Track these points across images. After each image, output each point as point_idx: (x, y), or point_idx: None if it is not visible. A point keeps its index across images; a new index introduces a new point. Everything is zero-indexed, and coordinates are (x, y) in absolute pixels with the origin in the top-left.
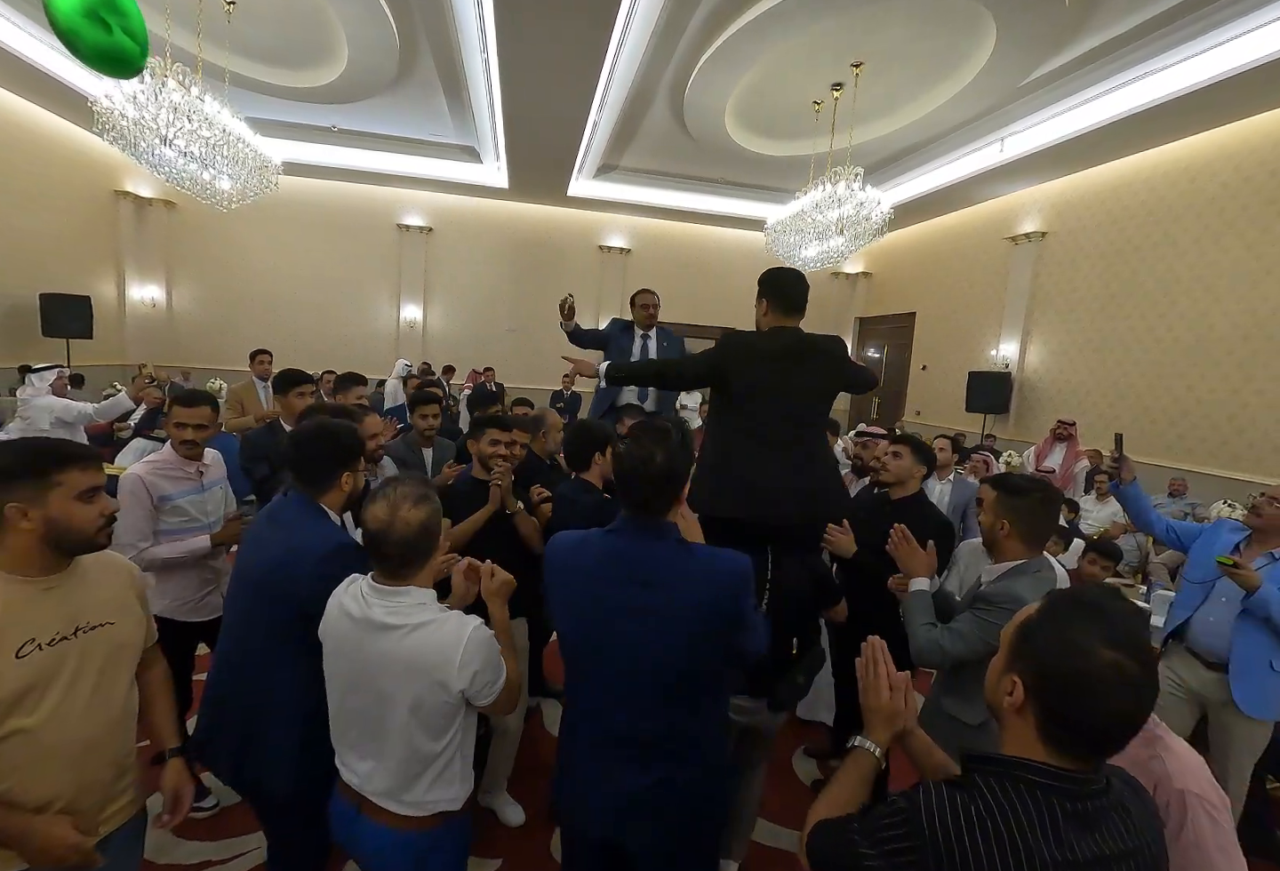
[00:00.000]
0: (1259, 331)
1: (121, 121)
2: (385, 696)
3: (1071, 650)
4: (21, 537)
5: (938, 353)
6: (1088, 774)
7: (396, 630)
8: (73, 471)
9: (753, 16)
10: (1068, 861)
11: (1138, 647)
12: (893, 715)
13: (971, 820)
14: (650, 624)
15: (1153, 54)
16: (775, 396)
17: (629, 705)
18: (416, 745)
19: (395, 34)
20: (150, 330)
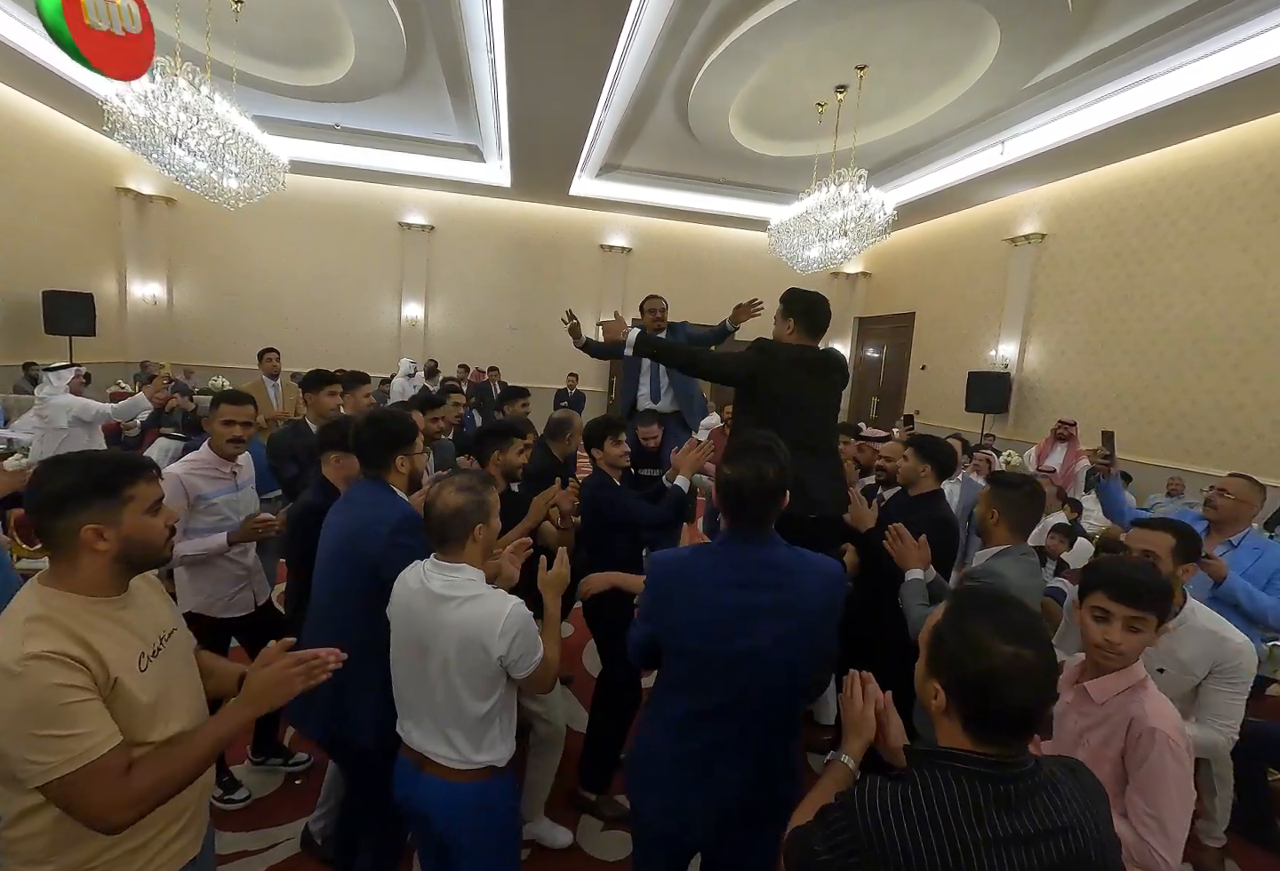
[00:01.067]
0: (1255, 333)
1: (131, 120)
2: (442, 660)
3: (975, 650)
4: (97, 559)
5: (937, 353)
6: (1011, 758)
7: (452, 601)
8: (142, 484)
9: (759, 19)
10: (990, 839)
11: (1033, 637)
12: (865, 728)
13: (899, 807)
14: (780, 618)
15: (1152, 59)
16: (800, 403)
17: (743, 710)
18: (466, 705)
19: (403, 34)
20: (152, 328)
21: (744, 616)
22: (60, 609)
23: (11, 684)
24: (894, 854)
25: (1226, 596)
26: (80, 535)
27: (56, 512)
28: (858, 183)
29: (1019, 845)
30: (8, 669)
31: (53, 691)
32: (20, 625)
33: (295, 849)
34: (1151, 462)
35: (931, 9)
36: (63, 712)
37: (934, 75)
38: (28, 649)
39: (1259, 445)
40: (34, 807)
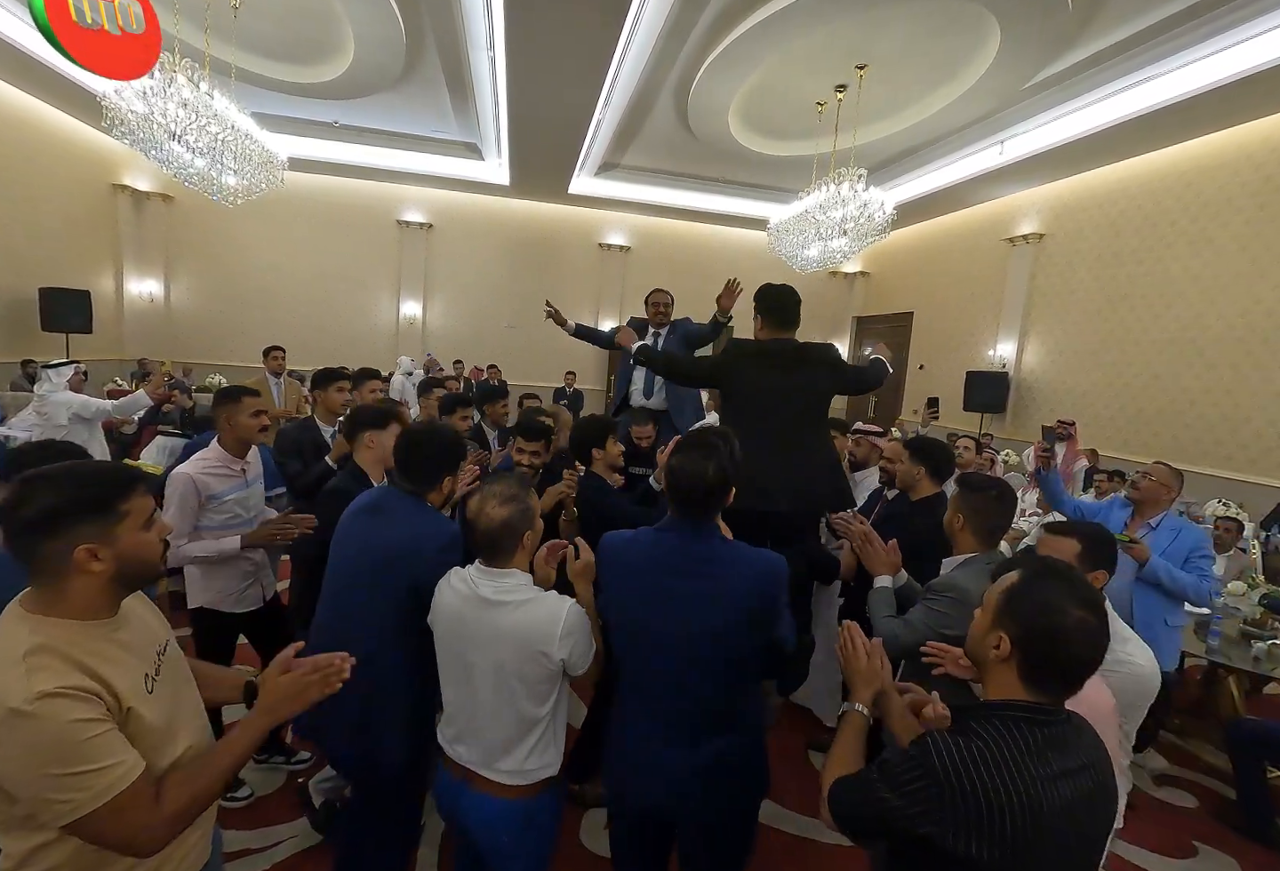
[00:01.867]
0: (1252, 333)
1: (130, 117)
2: (497, 664)
3: (1049, 609)
4: (92, 581)
5: (935, 352)
6: (1056, 706)
7: (504, 606)
8: (135, 498)
9: (759, 18)
10: (1049, 774)
11: (1097, 606)
12: (871, 676)
13: (974, 754)
14: (703, 608)
15: (1151, 60)
16: (768, 398)
17: (681, 687)
18: (523, 710)
19: (402, 31)
20: (149, 325)
21: (672, 601)
22: (58, 638)
23: (25, 725)
24: (973, 794)
25: (1150, 577)
26: (73, 557)
27: (46, 533)
28: (857, 182)
29: (1069, 777)
30: (18, 711)
31: (72, 728)
32: (19, 661)
33: (299, 847)
34: (1148, 461)
35: (932, 9)
36: (86, 748)
37: (934, 75)
38: (37, 687)
39: (1256, 445)
40: (47, 843)
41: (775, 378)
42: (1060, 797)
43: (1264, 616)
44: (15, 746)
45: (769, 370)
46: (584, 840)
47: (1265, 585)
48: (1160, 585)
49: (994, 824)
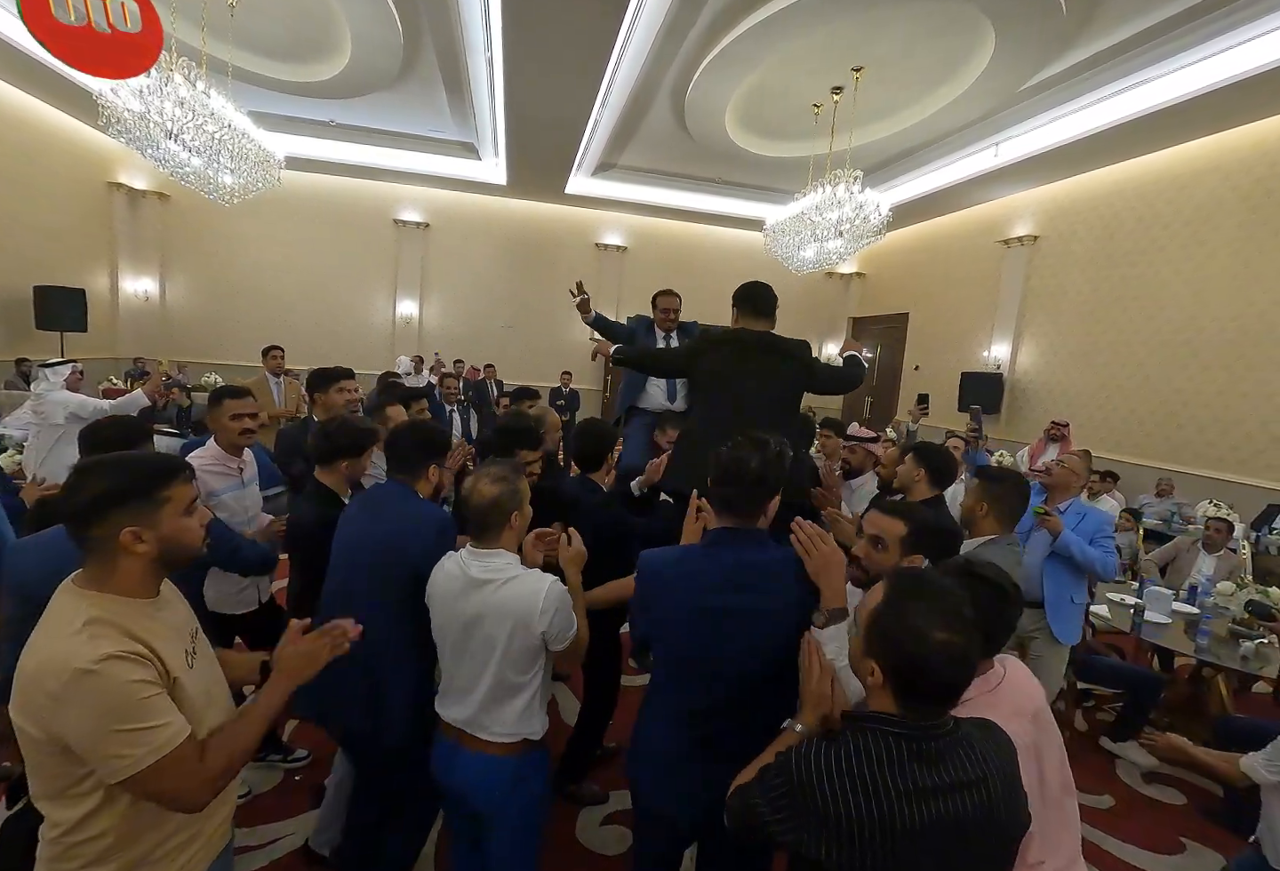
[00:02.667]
0: (1244, 336)
1: (126, 115)
2: (486, 638)
3: (912, 637)
4: (136, 562)
5: (930, 353)
6: (933, 720)
7: (491, 583)
8: (178, 485)
9: (757, 19)
10: (910, 790)
11: (961, 624)
12: (820, 699)
13: (829, 763)
14: (753, 624)
15: (1144, 64)
16: (737, 384)
17: (727, 706)
18: (509, 678)
19: (400, 31)
20: (144, 324)
21: (723, 618)
22: (111, 611)
23: (91, 684)
24: (824, 805)
25: (1062, 549)
26: (119, 538)
27: (94, 517)
28: (853, 183)
29: (936, 795)
30: (86, 670)
31: (131, 687)
32: (81, 629)
33: (296, 844)
34: (1141, 463)
35: (928, 12)
36: (144, 706)
37: (929, 78)
38: (101, 650)
39: (1247, 446)
40: (97, 810)
41: (745, 365)
42: (923, 815)
43: (1250, 617)
44: (84, 704)
45: (739, 357)
46: (580, 838)
47: (1254, 585)
48: (1071, 559)
49: (843, 833)
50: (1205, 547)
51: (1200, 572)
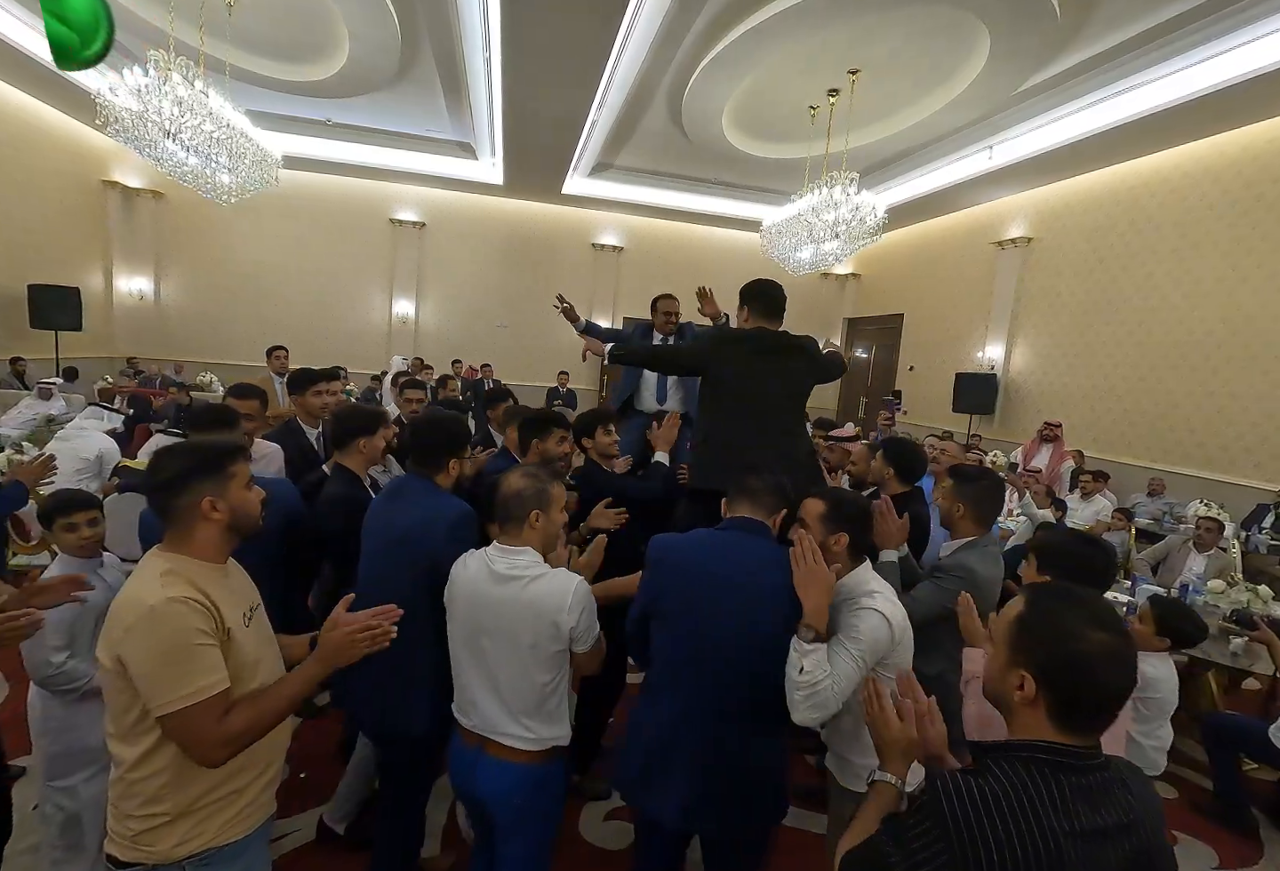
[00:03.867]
0: (1234, 337)
1: (124, 115)
2: (509, 638)
3: (1067, 636)
4: (212, 527)
5: (925, 354)
6: (1089, 749)
7: (518, 581)
8: (240, 462)
9: (754, 23)
10: (1075, 831)
11: (1116, 625)
12: (908, 746)
13: (988, 800)
14: (748, 606)
15: (1137, 68)
16: (750, 384)
17: (719, 695)
18: (533, 677)
19: (398, 30)
20: (139, 322)
21: (719, 589)
22: (184, 567)
23: (156, 619)
24: (984, 847)
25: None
26: (200, 506)
27: (179, 489)
28: (849, 185)
29: (1101, 838)
30: (155, 608)
31: (188, 632)
32: (156, 577)
33: (302, 840)
34: (1133, 463)
35: (923, 16)
36: (192, 651)
37: (925, 81)
38: (169, 593)
39: (1236, 446)
40: (153, 749)
41: (758, 364)
42: (1087, 860)
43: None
44: (147, 636)
45: (752, 357)
46: (583, 832)
47: (1244, 584)
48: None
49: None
50: (1196, 547)
51: (1191, 571)
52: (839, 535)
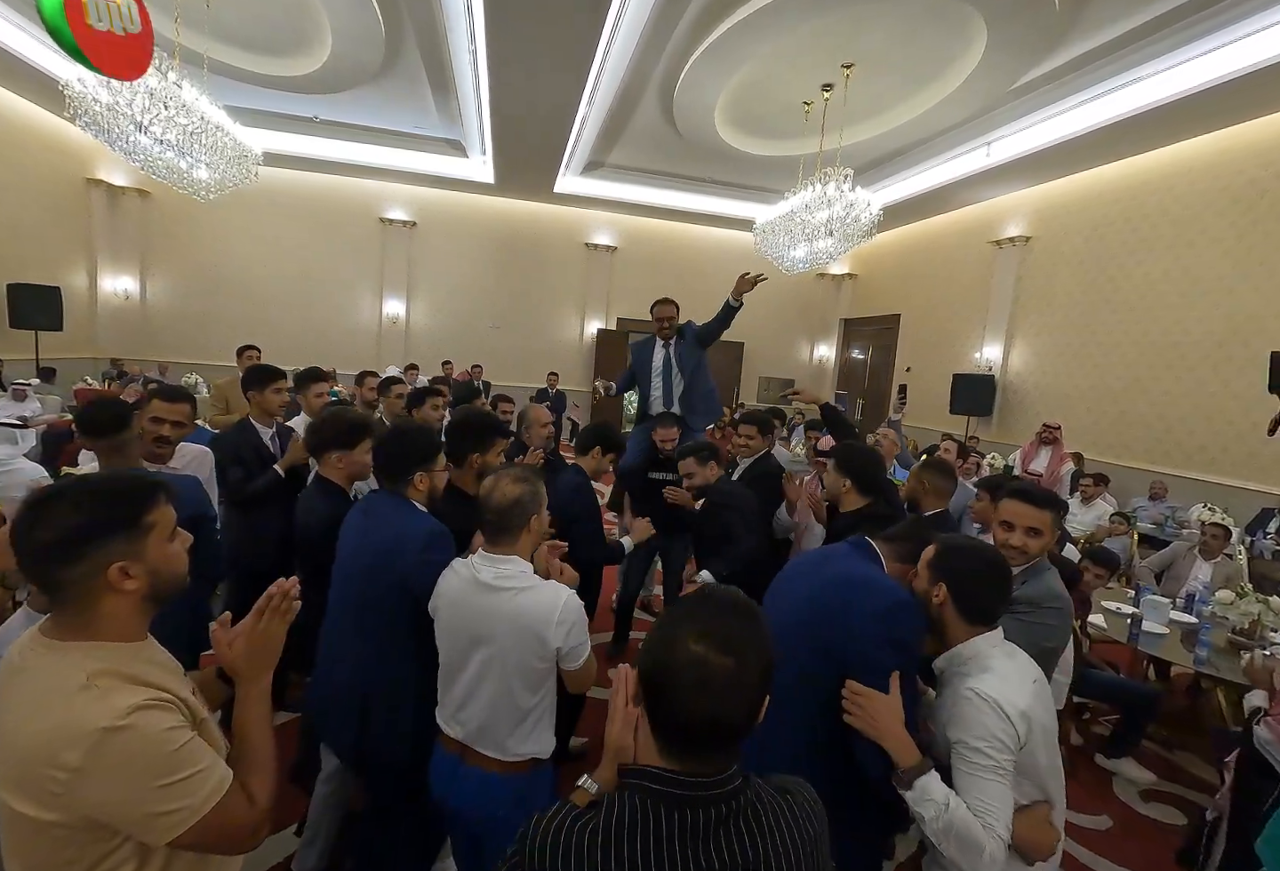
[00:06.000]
0: (1234, 337)
1: (94, 106)
2: (493, 650)
3: (663, 642)
4: (124, 600)
5: (922, 355)
6: (708, 777)
7: (505, 592)
8: (160, 506)
9: (744, 14)
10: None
11: (738, 648)
12: (620, 750)
13: (570, 837)
14: (833, 626)
15: (1136, 63)
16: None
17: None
18: (515, 696)
19: (381, 23)
20: (123, 323)
21: (785, 605)
22: (111, 661)
23: (124, 741)
24: None
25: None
26: (106, 576)
27: (70, 556)
28: (844, 182)
29: None
30: (113, 727)
31: (168, 736)
32: (87, 686)
33: (288, 851)
34: (1133, 466)
35: (919, 8)
36: (183, 755)
37: (921, 75)
38: (125, 702)
39: (1238, 448)
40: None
41: None
42: None
43: (1253, 625)
44: (118, 766)
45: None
46: None
47: (1255, 594)
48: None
49: None
50: (1202, 554)
51: (1197, 580)
52: (939, 586)
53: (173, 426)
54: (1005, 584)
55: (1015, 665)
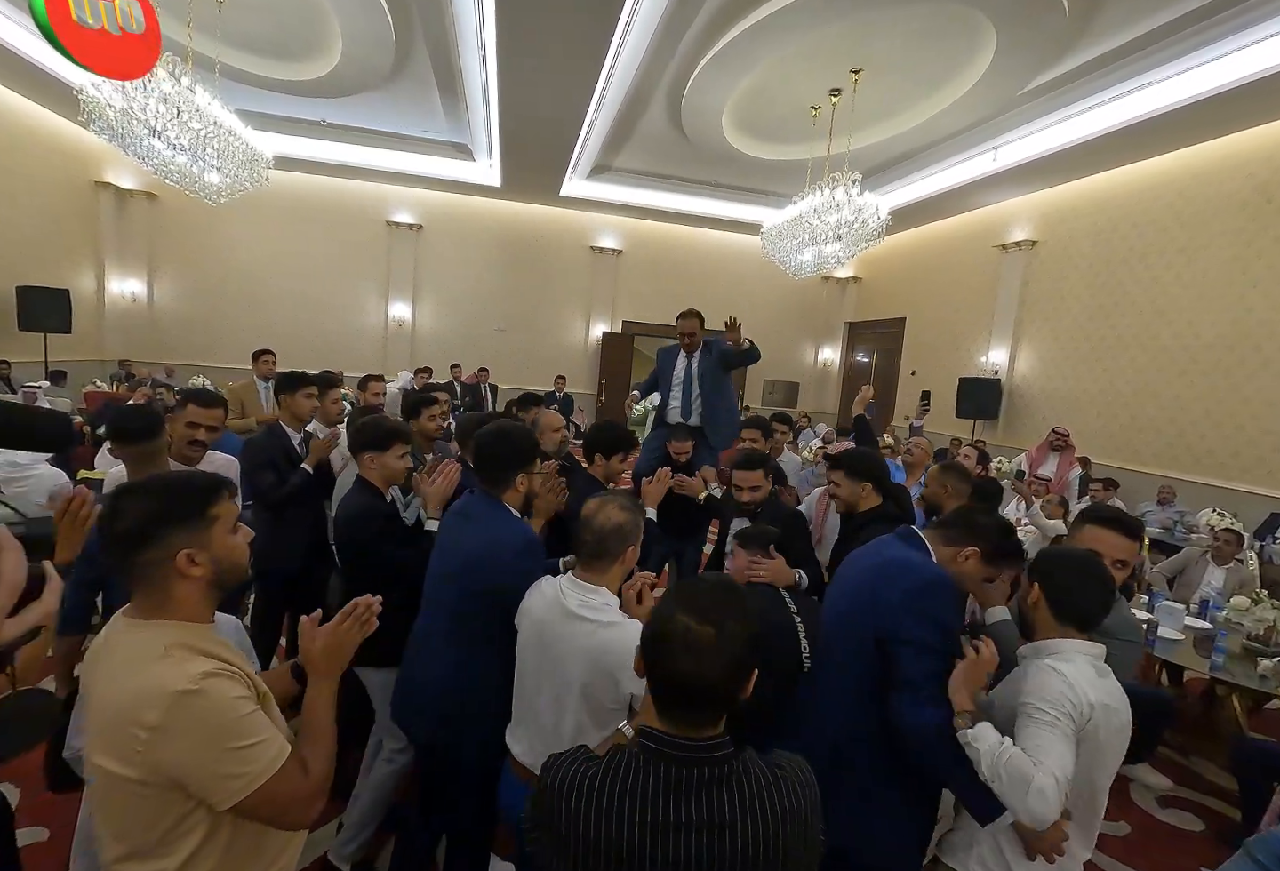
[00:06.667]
0: (1244, 341)
1: (109, 111)
2: (566, 679)
3: (658, 616)
4: (193, 586)
5: (928, 358)
6: (699, 741)
7: (588, 623)
8: (224, 502)
9: (754, 20)
10: (650, 823)
11: (717, 616)
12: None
13: (581, 783)
14: (860, 612)
15: (1145, 68)
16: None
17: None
18: (584, 730)
19: (391, 28)
20: (130, 325)
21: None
22: (184, 636)
23: (197, 704)
24: (569, 827)
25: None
26: (175, 562)
27: (145, 543)
28: (852, 186)
29: (676, 832)
30: (188, 690)
31: (235, 703)
32: (165, 654)
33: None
34: (1141, 470)
35: (928, 12)
36: (249, 722)
37: (929, 80)
38: (198, 668)
39: (1248, 453)
40: (199, 850)
41: None
42: (659, 850)
43: (1268, 631)
44: (192, 726)
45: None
46: None
47: (1270, 601)
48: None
49: (578, 858)
50: (1214, 559)
51: (1210, 585)
52: (1032, 585)
53: (207, 430)
54: (1104, 591)
55: (1109, 682)
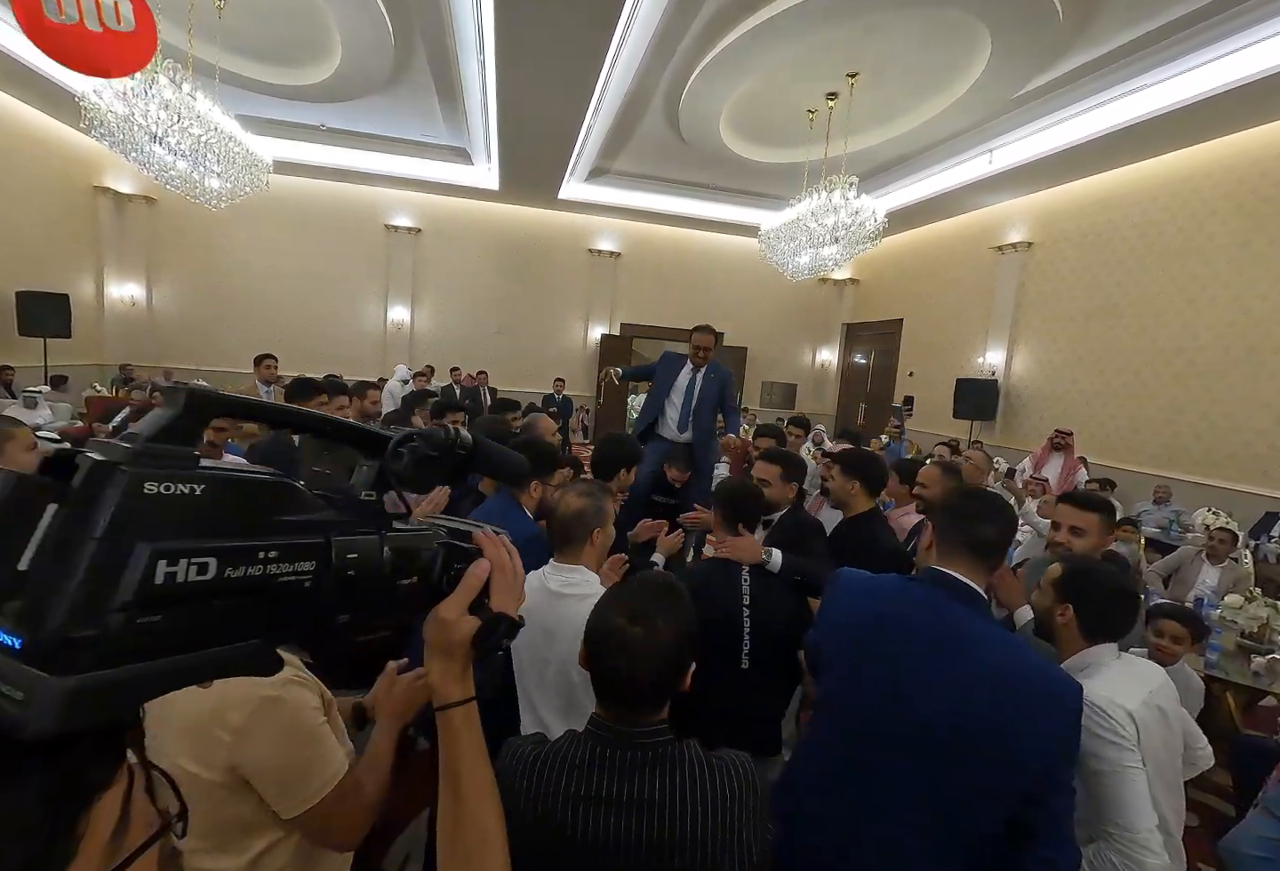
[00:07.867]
0: (1240, 342)
1: (109, 118)
2: (562, 655)
3: (596, 615)
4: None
5: (925, 359)
6: (635, 727)
7: (571, 598)
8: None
9: (752, 25)
10: (575, 795)
11: (648, 618)
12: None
13: (525, 758)
14: (949, 700)
15: (1140, 71)
16: None
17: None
18: (579, 698)
19: (390, 32)
20: (130, 329)
21: (907, 682)
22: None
23: (278, 709)
24: (513, 803)
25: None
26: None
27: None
28: (849, 189)
29: (606, 806)
30: (272, 697)
31: (310, 713)
32: None
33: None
34: (1137, 470)
35: (924, 17)
36: (319, 733)
37: (925, 83)
38: (282, 675)
39: (1244, 453)
40: (272, 847)
41: None
42: (584, 821)
43: (1262, 629)
44: (271, 730)
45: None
46: None
47: (1263, 599)
48: None
49: (520, 831)
50: (1209, 558)
51: (1205, 584)
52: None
53: (216, 431)
54: (1134, 607)
55: (1132, 671)
